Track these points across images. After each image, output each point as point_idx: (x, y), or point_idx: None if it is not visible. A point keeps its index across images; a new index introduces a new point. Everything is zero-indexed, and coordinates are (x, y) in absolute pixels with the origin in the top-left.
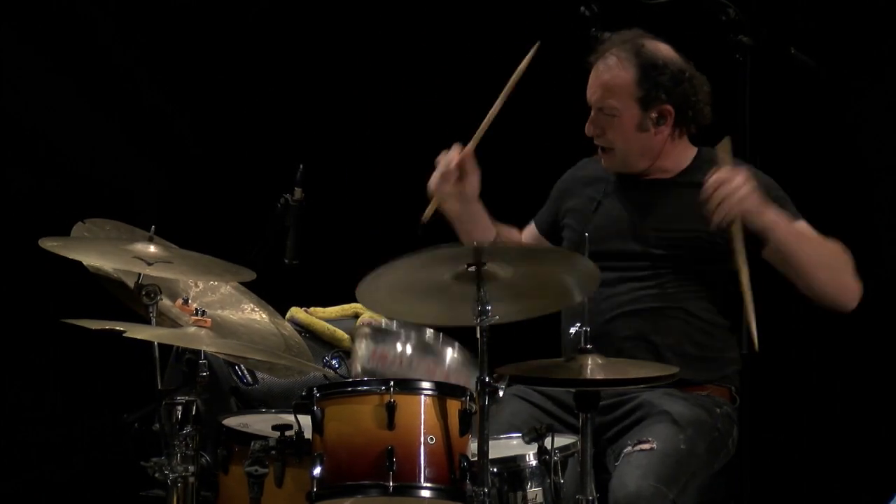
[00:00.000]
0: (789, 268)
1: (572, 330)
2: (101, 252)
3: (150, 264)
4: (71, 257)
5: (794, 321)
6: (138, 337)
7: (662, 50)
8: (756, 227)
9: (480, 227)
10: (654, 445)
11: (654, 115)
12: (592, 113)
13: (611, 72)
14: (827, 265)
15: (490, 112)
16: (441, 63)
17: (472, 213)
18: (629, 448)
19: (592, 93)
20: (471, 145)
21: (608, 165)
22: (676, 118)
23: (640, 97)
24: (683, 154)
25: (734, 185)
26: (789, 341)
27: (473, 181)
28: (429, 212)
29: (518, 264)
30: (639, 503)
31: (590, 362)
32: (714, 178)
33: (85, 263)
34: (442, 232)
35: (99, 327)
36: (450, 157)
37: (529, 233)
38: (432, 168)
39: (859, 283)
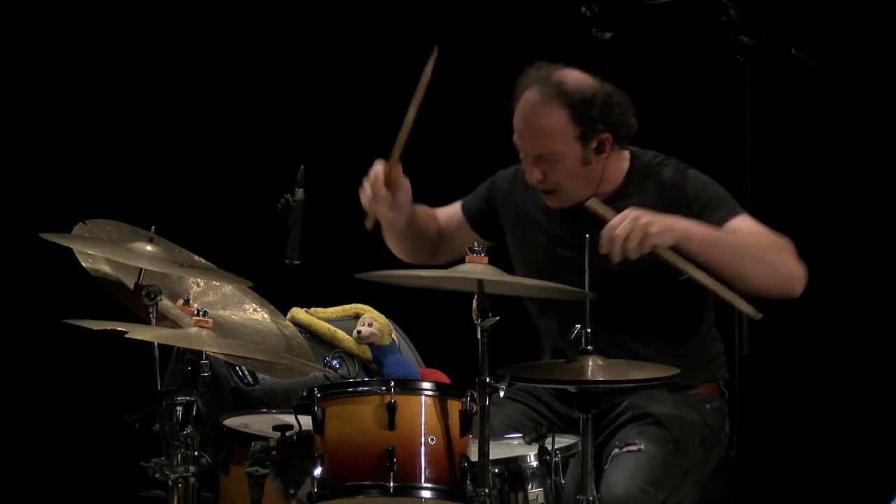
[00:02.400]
0: (716, 271)
1: (574, 329)
2: (102, 252)
3: (151, 239)
4: (77, 248)
5: (793, 321)
6: (140, 338)
7: (583, 81)
8: (670, 246)
9: (414, 228)
10: (642, 447)
11: (594, 146)
12: (531, 160)
13: (543, 118)
14: (753, 259)
15: (406, 121)
16: (441, 63)
17: (407, 218)
18: (616, 451)
19: (528, 141)
20: (393, 158)
21: (555, 204)
22: (613, 141)
23: (579, 134)
24: (619, 167)
25: (621, 233)
26: (789, 341)
27: (404, 191)
28: (369, 223)
29: (517, 289)
30: None
31: (591, 363)
32: (605, 237)
33: (85, 265)
34: None
35: (100, 328)
36: (375, 174)
37: (451, 212)
38: (432, 167)
39: (801, 268)
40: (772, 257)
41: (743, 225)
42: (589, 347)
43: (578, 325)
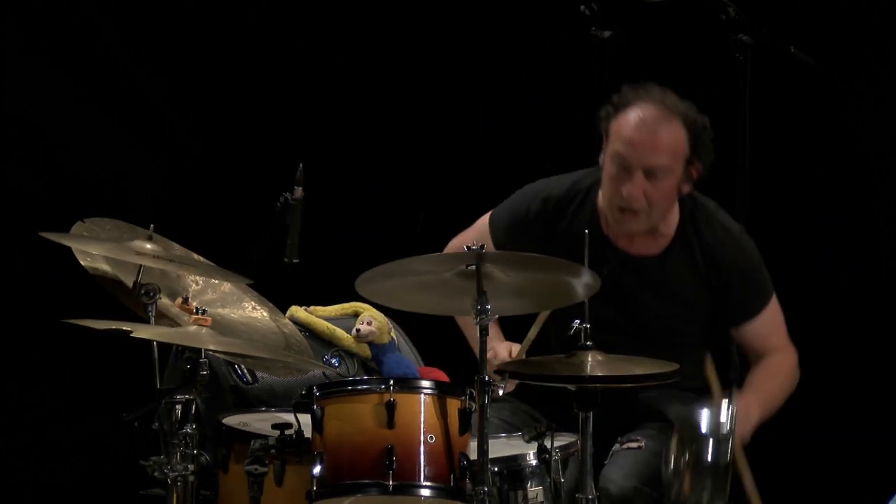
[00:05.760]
0: None
1: (573, 325)
2: (101, 251)
3: (150, 237)
4: (76, 247)
5: (793, 320)
6: (144, 336)
7: (694, 110)
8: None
9: None
10: (643, 445)
11: (686, 174)
12: (637, 174)
13: (667, 131)
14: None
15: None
16: (441, 63)
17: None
18: (617, 446)
19: (643, 152)
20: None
21: (631, 227)
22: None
23: (686, 157)
24: (675, 211)
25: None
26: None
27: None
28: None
29: (518, 270)
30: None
31: (590, 359)
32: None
33: (84, 264)
34: (441, 231)
35: (105, 327)
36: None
37: None
38: (431, 167)
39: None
40: (792, 386)
41: (766, 320)
42: (588, 343)
43: (577, 321)
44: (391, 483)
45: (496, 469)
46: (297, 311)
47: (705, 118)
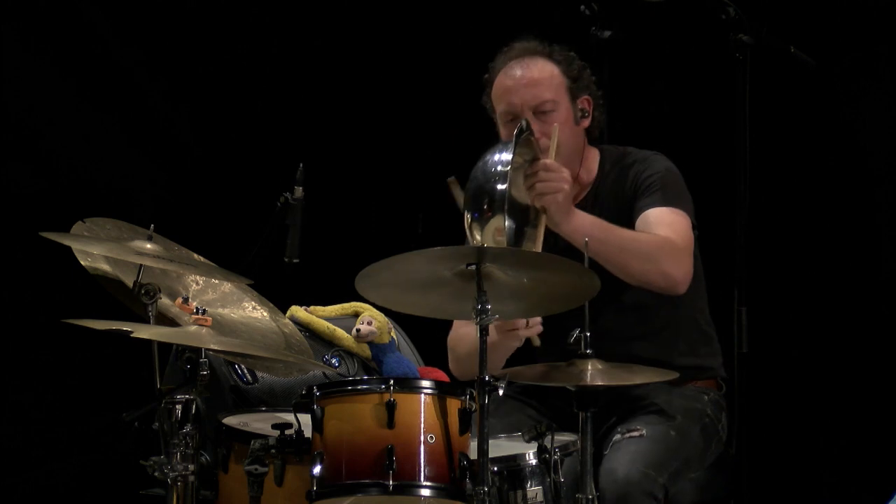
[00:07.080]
0: (603, 262)
1: (573, 334)
2: (101, 250)
3: (150, 237)
4: (76, 247)
5: (793, 319)
6: (144, 336)
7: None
8: (560, 232)
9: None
10: (644, 432)
11: (580, 106)
12: (525, 118)
13: (536, 68)
14: (638, 256)
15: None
16: (441, 63)
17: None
18: (618, 436)
19: (522, 94)
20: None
21: None
22: (593, 114)
23: (569, 87)
24: (593, 160)
25: (554, 184)
26: (789, 339)
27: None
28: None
29: (518, 268)
30: (628, 488)
31: (590, 367)
32: (545, 163)
33: (84, 264)
34: (441, 231)
35: (105, 328)
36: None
37: None
38: (431, 167)
39: (682, 269)
40: (656, 256)
41: (654, 217)
42: (588, 351)
43: (578, 329)
44: (391, 483)
45: (496, 469)
46: (297, 311)
47: (566, 48)
